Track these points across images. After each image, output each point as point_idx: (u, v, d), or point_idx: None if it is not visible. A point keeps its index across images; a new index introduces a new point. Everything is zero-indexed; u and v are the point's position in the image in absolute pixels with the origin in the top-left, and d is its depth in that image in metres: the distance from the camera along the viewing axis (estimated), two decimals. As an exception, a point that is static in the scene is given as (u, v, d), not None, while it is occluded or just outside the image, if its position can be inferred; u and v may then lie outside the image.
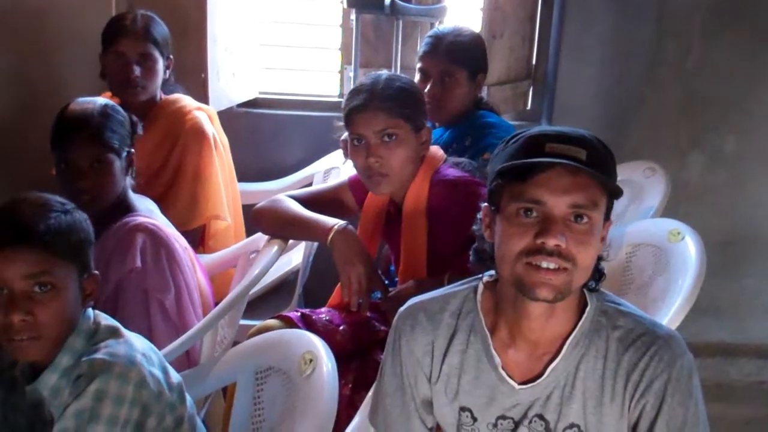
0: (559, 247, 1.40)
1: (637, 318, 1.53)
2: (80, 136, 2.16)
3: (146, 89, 2.74)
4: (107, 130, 2.18)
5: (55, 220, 1.57)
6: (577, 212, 1.41)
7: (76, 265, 1.61)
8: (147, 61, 2.71)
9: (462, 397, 1.58)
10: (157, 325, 2.19)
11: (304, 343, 1.80)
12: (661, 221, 2.50)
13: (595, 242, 1.45)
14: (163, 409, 1.60)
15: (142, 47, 2.70)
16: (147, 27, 2.72)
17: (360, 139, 2.18)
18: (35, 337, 1.55)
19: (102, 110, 2.20)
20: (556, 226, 1.40)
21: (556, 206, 1.41)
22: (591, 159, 1.41)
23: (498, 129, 2.64)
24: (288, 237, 2.41)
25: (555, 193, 1.41)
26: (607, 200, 1.46)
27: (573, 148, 1.41)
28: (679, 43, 3.31)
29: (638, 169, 2.96)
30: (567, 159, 1.40)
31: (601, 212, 1.44)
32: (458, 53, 2.65)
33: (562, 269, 1.41)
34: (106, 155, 2.18)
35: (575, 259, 1.42)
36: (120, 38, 2.69)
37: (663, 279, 2.28)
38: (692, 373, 1.49)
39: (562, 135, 1.44)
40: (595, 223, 1.43)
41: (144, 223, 2.22)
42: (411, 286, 2.15)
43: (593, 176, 1.40)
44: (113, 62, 2.71)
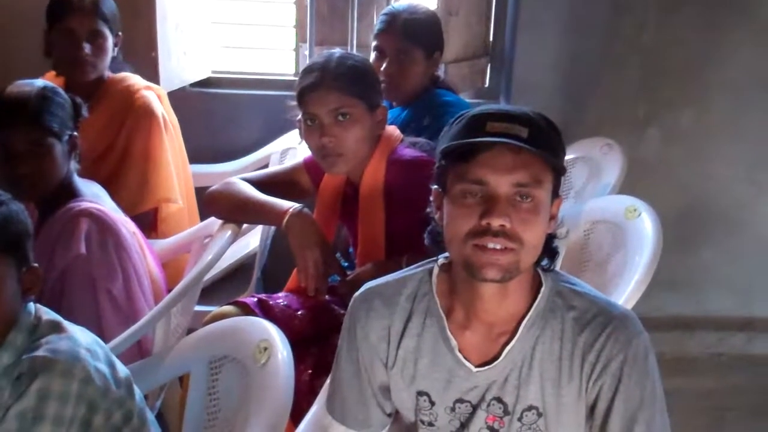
0: (504, 227, 1.39)
1: (592, 298, 1.52)
2: (17, 120, 2.09)
3: (95, 68, 2.66)
4: (46, 113, 2.11)
5: None
6: (521, 191, 1.40)
7: (13, 259, 1.54)
8: (97, 39, 2.63)
9: (419, 381, 1.57)
10: (105, 314, 2.13)
11: (259, 331, 1.76)
12: (618, 198, 2.50)
13: (542, 221, 1.43)
14: (110, 405, 1.55)
15: (91, 24, 2.61)
16: (96, 2, 2.62)
17: (313, 119, 2.14)
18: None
19: (40, 93, 2.13)
20: (500, 206, 1.39)
21: (500, 185, 1.40)
22: (533, 137, 1.39)
23: (456, 108, 2.59)
24: (242, 221, 2.36)
25: (497, 173, 1.39)
26: (553, 178, 1.44)
27: (514, 126, 1.40)
28: (635, 17, 3.30)
29: (596, 146, 2.96)
30: (508, 138, 1.38)
31: (546, 190, 1.43)
32: (414, 31, 2.62)
33: (508, 249, 1.40)
34: (46, 139, 2.11)
35: (521, 239, 1.41)
36: (68, 15, 2.59)
37: (620, 256, 2.29)
38: (648, 352, 1.48)
39: (503, 114, 1.43)
40: (541, 201, 1.42)
41: (89, 208, 2.16)
42: (369, 269, 2.12)
43: (535, 154, 1.38)
44: (61, 39, 2.61)
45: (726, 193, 3.56)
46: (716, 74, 3.40)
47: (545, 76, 3.31)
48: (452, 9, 3.14)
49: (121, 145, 2.69)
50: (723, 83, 3.41)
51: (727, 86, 3.42)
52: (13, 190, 2.09)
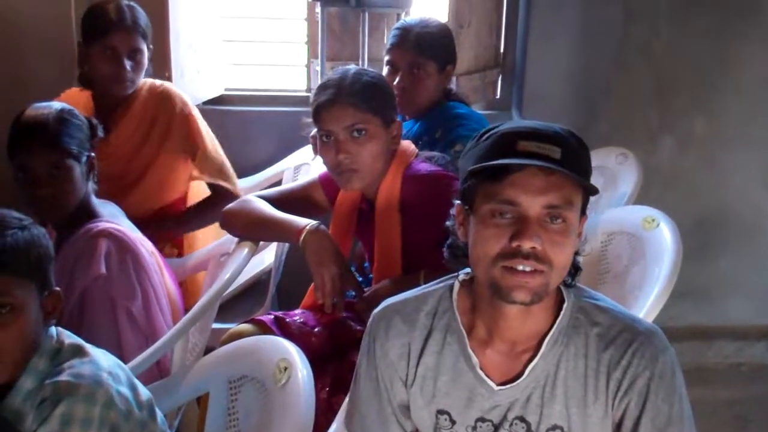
0: (535, 249, 1.37)
1: (616, 314, 1.49)
2: (37, 142, 2.10)
3: (134, 83, 2.67)
4: (65, 136, 2.12)
5: (12, 238, 1.50)
6: (552, 213, 1.37)
7: (35, 284, 1.54)
8: (137, 56, 2.63)
9: (439, 400, 1.55)
10: (125, 334, 2.13)
11: (278, 351, 1.75)
12: (635, 208, 2.49)
13: (572, 242, 1.41)
14: (133, 428, 1.55)
15: (133, 42, 2.61)
16: (136, 20, 2.63)
17: (329, 136, 2.13)
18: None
19: (58, 115, 2.14)
20: (531, 228, 1.37)
21: (531, 207, 1.37)
22: (565, 157, 1.37)
23: (468, 120, 2.60)
24: (259, 238, 2.36)
25: (529, 194, 1.37)
26: (582, 197, 1.42)
27: (546, 146, 1.37)
28: (646, 26, 3.30)
29: (611, 156, 2.96)
30: (541, 158, 1.36)
31: (576, 211, 1.41)
32: (426, 45, 2.61)
33: (538, 271, 1.38)
34: (65, 161, 2.12)
35: (551, 261, 1.38)
36: (110, 32, 2.58)
37: (639, 267, 2.27)
38: (675, 369, 1.46)
39: (534, 132, 1.39)
40: (571, 222, 1.40)
41: (108, 228, 2.17)
42: (386, 285, 2.12)
43: (568, 176, 1.36)
44: (101, 56, 2.60)
45: (742, 201, 3.55)
46: (729, 81, 3.39)
47: (557, 86, 3.31)
48: (463, 21, 3.14)
49: (156, 137, 2.72)
50: (736, 90, 3.40)
51: (740, 93, 3.41)
52: (33, 213, 2.11)
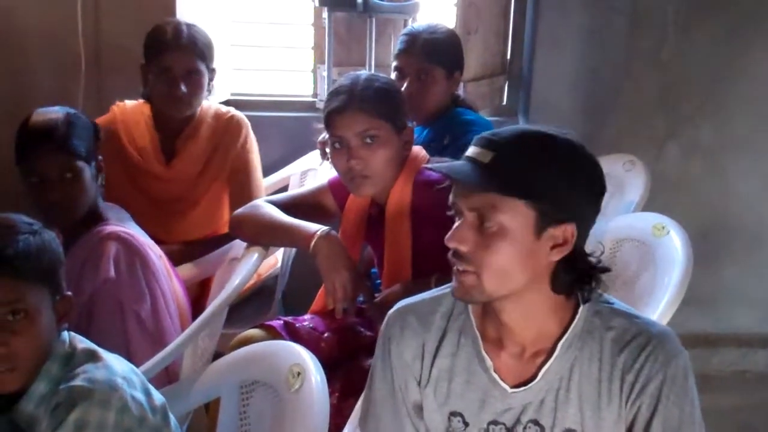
0: (458, 250, 1.42)
1: (632, 317, 1.50)
2: (47, 146, 2.09)
3: (191, 105, 2.66)
4: (74, 138, 2.11)
5: (24, 243, 1.50)
6: (479, 217, 1.41)
7: (48, 288, 1.54)
8: (193, 76, 2.61)
9: (453, 402, 1.55)
10: (134, 337, 2.13)
11: (291, 356, 1.74)
12: (644, 215, 2.49)
13: (509, 247, 1.40)
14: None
15: (188, 62, 2.60)
16: (193, 40, 2.61)
17: (341, 142, 2.13)
18: (11, 369, 1.49)
19: (66, 118, 2.13)
20: (458, 230, 1.42)
21: (463, 209, 1.42)
22: (495, 161, 1.40)
23: (476, 126, 2.60)
24: (269, 244, 2.35)
25: (458, 197, 1.43)
26: (531, 204, 1.39)
27: (481, 150, 1.42)
28: (654, 33, 3.30)
29: (618, 163, 2.95)
30: (471, 161, 1.42)
31: (512, 217, 1.39)
32: (434, 51, 2.61)
33: (468, 272, 1.42)
34: (76, 164, 2.11)
35: (479, 264, 1.41)
36: (165, 52, 2.58)
37: (649, 275, 2.27)
38: (688, 372, 1.47)
39: (482, 138, 1.44)
40: (506, 227, 1.39)
41: (117, 231, 2.16)
42: (397, 290, 2.11)
43: (477, 186, 1.40)
44: (157, 77, 2.60)
45: (748, 209, 3.55)
46: (736, 89, 3.39)
47: (563, 93, 3.31)
48: (470, 28, 3.14)
49: (215, 165, 2.73)
50: (743, 98, 3.41)
51: (747, 101, 3.42)
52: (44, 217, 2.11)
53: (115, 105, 2.75)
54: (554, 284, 1.46)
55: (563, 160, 1.41)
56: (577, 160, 1.43)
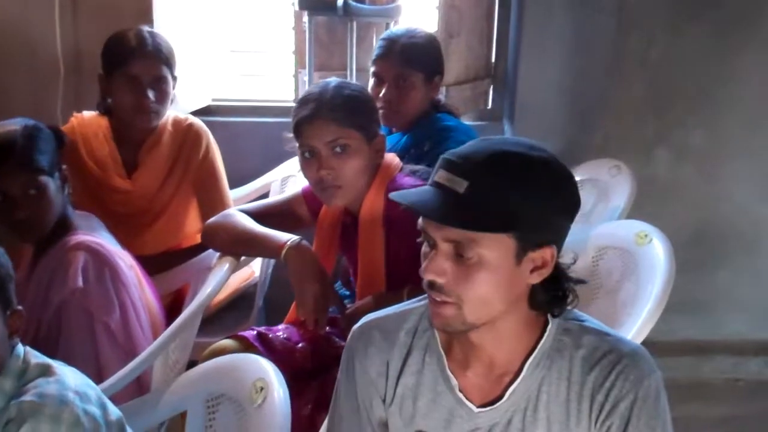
0: (433, 282, 1.35)
1: (602, 335, 1.44)
2: (8, 164, 2.05)
3: (159, 114, 2.59)
4: (36, 153, 2.07)
5: None
6: (457, 248, 1.33)
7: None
8: (161, 84, 2.55)
9: (419, 421, 1.50)
10: (103, 348, 2.09)
11: (255, 370, 1.70)
12: (627, 223, 2.43)
13: (488, 278, 1.34)
14: None
15: (155, 70, 2.53)
16: (158, 47, 2.55)
17: (310, 152, 2.09)
18: None
19: (25, 132, 2.08)
20: (431, 262, 1.35)
21: (437, 239, 1.35)
22: (471, 190, 1.31)
23: (457, 132, 2.56)
24: (240, 254, 2.31)
25: (430, 227, 1.35)
26: (513, 233, 1.33)
27: (455, 178, 1.33)
28: (641, 36, 3.24)
29: (603, 168, 2.92)
30: (444, 190, 1.33)
31: (492, 247, 1.33)
32: (412, 56, 2.56)
33: (446, 303, 1.36)
34: (38, 179, 2.07)
35: (459, 295, 1.35)
36: (131, 60, 2.50)
37: (631, 283, 2.23)
38: (660, 392, 1.41)
39: (450, 162, 1.35)
40: (485, 259, 1.33)
41: (85, 241, 2.13)
42: (368, 302, 2.08)
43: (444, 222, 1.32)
44: (123, 86, 2.53)
45: (740, 213, 3.49)
46: (726, 92, 3.34)
47: (549, 97, 3.26)
48: (453, 31, 3.10)
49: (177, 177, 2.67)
50: (733, 101, 3.35)
51: (738, 104, 3.36)
52: (12, 234, 2.06)
53: (73, 116, 2.70)
54: (532, 303, 1.42)
55: (541, 184, 1.34)
56: (554, 181, 1.36)
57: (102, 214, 2.40)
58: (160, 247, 2.66)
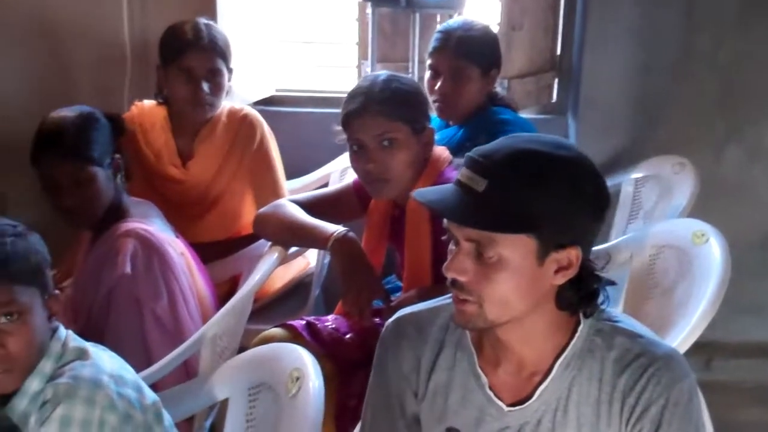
0: (456, 281, 1.35)
1: (636, 337, 1.41)
2: (58, 153, 2.09)
3: (213, 107, 2.62)
4: (84, 143, 2.11)
5: (12, 246, 1.49)
6: (478, 248, 1.33)
7: (38, 288, 1.53)
8: (215, 77, 2.58)
9: (450, 417, 1.49)
10: (151, 334, 2.13)
11: (293, 359, 1.71)
12: (686, 221, 2.37)
13: (509, 278, 1.33)
14: (135, 430, 1.53)
15: (210, 62, 2.56)
16: (214, 40, 2.58)
17: (358, 145, 2.09)
18: (9, 370, 1.50)
19: (77, 122, 2.13)
20: (454, 260, 1.36)
21: (459, 238, 1.34)
22: (491, 191, 1.30)
23: (513, 126, 2.52)
24: (289, 243, 2.34)
25: (452, 226, 1.35)
26: (533, 234, 1.31)
27: (475, 177, 1.32)
28: (710, 32, 3.12)
29: (667, 165, 2.86)
30: (465, 189, 1.33)
31: (514, 246, 1.32)
32: (468, 49, 2.53)
33: (468, 301, 1.35)
34: (87, 169, 2.11)
35: (479, 294, 1.34)
36: (186, 53, 2.54)
37: (686, 283, 2.18)
38: (693, 397, 1.38)
39: (473, 160, 1.35)
40: (505, 258, 1.32)
41: (135, 228, 2.16)
42: (412, 295, 2.08)
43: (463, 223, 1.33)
44: (178, 78, 2.56)
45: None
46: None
47: (615, 91, 3.18)
48: (516, 23, 3.05)
49: (232, 166, 2.70)
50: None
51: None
52: (64, 220, 2.12)
53: (134, 105, 2.75)
54: (559, 302, 1.40)
55: (563, 183, 1.32)
56: (578, 180, 1.33)
57: (159, 202, 2.44)
58: (216, 235, 2.69)
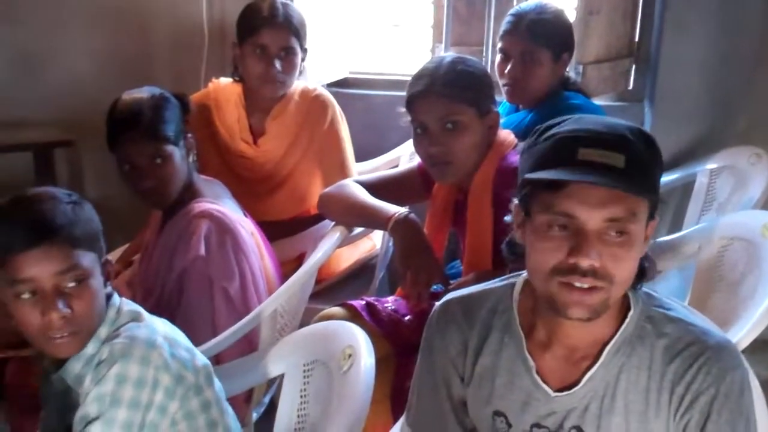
0: (594, 266, 1.28)
1: (687, 324, 1.39)
2: (135, 134, 2.13)
3: (285, 84, 2.67)
4: (161, 123, 2.14)
5: (72, 212, 1.54)
6: (614, 226, 1.28)
7: (96, 253, 1.58)
8: (288, 55, 2.62)
9: (496, 401, 1.49)
10: (219, 313, 2.17)
11: (347, 337, 1.73)
12: (757, 213, 2.32)
13: (635, 254, 1.32)
14: (186, 391, 1.58)
15: (284, 40, 2.60)
16: (289, 18, 2.61)
17: (422, 127, 2.10)
18: (75, 332, 1.54)
19: (151, 102, 2.16)
20: (590, 244, 1.28)
21: (590, 220, 1.28)
22: (630, 164, 1.27)
23: (584, 112, 2.47)
24: (351, 224, 2.36)
25: (589, 207, 1.28)
26: (650, 202, 1.32)
27: (609, 153, 1.27)
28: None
29: (743, 156, 2.79)
30: (602, 168, 1.27)
31: (642, 221, 1.31)
32: (540, 32, 2.50)
33: (597, 288, 1.30)
34: (165, 148, 2.15)
35: (612, 277, 1.30)
36: (261, 29, 2.58)
37: (753, 277, 2.11)
38: (744, 389, 1.35)
39: (597, 137, 1.30)
40: (635, 235, 1.30)
41: (209, 209, 2.20)
42: (470, 279, 2.06)
43: (631, 192, 1.27)
44: (252, 55, 2.61)
45: None
46: None
47: (692, 80, 3.10)
48: (593, 7, 2.99)
49: (302, 145, 2.74)
50: None
51: None
52: (142, 201, 2.17)
53: (211, 81, 2.81)
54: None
55: (660, 156, 1.36)
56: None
57: (229, 178, 2.50)
58: (284, 213, 2.74)
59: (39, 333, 1.53)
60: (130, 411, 1.50)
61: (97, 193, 3.33)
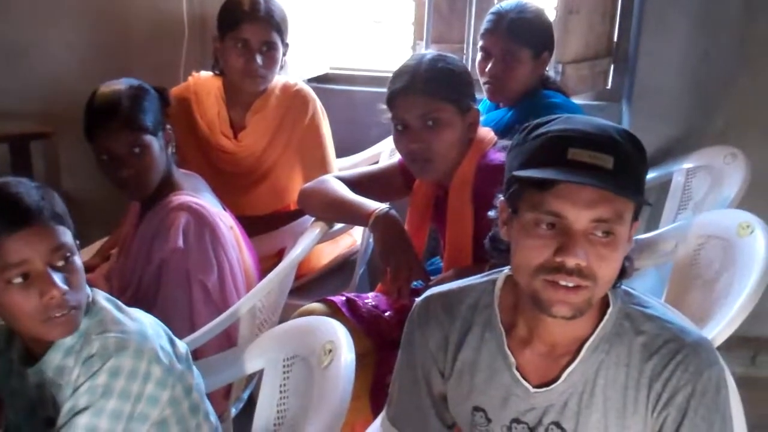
0: (579, 265, 1.30)
1: (665, 323, 1.41)
2: (114, 124, 2.12)
3: (266, 79, 2.67)
4: (139, 113, 2.14)
5: (46, 193, 1.53)
6: (601, 227, 1.30)
7: (72, 231, 1.56)
8: (269, 50, 2.62)
9: (475, 396, 1.51)
10: (197, 306, 2.17)
11: (327, 332, 1.74)
12: (733, 212, 2.33)
13: (619, 255, 1.34)
14: (174, 380, 1.58)
15: (265, 35, 2.60)
16: (270, 13, 2.61)
17: (402, 124, 2.10)
18: (75, 307, 1.52)
19: (130, 92, 2.16)
20: (577, 244, 1.29)
21: (578, 221, 1.30)
22: (618, 166, 1.29)
23: (563, 110, 2.47)
24: (331, 219, 2.37)
25: (577, 207, 1.29)
26: (635, 207, 1.34)
27: (599, 154, 1.29)
28: (772, 18, 3.06)
29: (719, 155, 2.81)
30: (591, 169, 1.28)
31: (627, 222, 1.33)
32: (521, 31, 2.52)
33: (582, 287, 1.31)
34: (143, 138, 2.14)
35: (596, 276, 1.31)
36: (242, 24, 2.58)
37: (729, 275, 2.14)
38: (720, 386, 1.37)
39: (586, 138, 1.31)
40: (621, 236, 1.32)
41: (188, 202, 2.20)
42: (450, 275, 2.07)
43: (620, 195, 1.29)
44: (233, 49, 2.61)
45: None
46: None
47: (671, 79, 3.11)
48: (573, 7, 3.00)
49: (282, 139, 2.73)
50: None
51: None
52: (120, 192, 2.16)
53: (191, 75, 2.80)
54: None
55: (646, 159, 1.38)
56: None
57: (209, 172, 2.49)
58: (264, 208, 2.74)
59: (37, 316, 1.49)
60: (119, 401, 1.50)
61: (74, 186, 3.32)
